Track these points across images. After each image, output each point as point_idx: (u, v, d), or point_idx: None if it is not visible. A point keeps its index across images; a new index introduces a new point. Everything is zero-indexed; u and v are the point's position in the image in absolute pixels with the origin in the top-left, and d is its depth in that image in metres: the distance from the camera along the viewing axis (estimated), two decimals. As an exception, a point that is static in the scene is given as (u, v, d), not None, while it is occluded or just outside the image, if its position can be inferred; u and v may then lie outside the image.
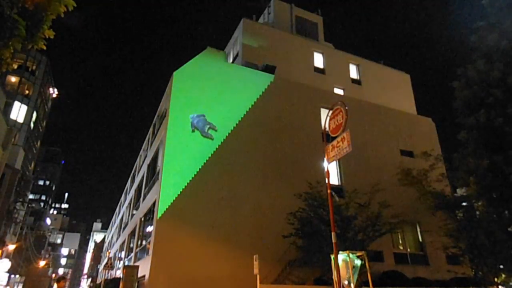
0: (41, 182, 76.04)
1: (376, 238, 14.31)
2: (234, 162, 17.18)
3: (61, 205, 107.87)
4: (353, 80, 25.47)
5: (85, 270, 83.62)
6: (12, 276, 35.86)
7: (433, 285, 16.48)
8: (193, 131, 16.85)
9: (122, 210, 34.21)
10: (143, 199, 20.46)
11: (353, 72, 25.90)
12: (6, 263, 25.85)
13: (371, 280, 8.15)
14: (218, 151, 17.01)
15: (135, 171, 29.60)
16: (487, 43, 13.27)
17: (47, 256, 56.39)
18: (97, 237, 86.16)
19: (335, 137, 7.25)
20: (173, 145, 16.31)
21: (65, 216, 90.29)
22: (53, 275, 66.73)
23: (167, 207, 15.11)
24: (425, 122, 24.73)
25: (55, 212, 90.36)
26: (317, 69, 24.24)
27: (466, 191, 14.62)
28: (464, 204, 14.81)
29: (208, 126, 17.25)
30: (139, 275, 15.09)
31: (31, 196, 55.09)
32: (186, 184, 15.76)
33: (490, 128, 12.34)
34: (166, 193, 15.35)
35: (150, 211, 17.68)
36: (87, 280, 69.66)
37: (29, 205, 42.50)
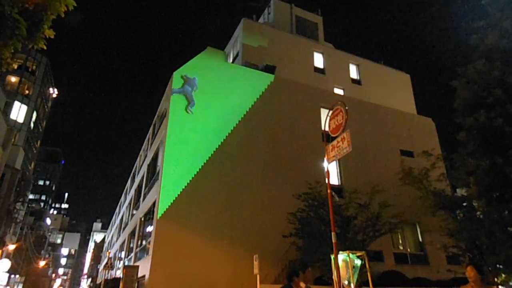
0: (41, 182, 76.01)
1: (376, 238, 14.30)
2: (234, 162, 17.18)
3: (61, 205, 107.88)
4: (353, 80, 25.47)
5: (85, 270, 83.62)
6: (12, 276, 35.85)
7: (433, 285, 16.48)
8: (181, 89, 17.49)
9: (122, 210, 34.20)
10: (143, 199, 20.46)
11: (353, 72, 25.90)
12: (6, 263, 25.79)
13: (371, 280, 8.15)
14: (218, 151, 17.01)
15: (135, 171, 29.59)
16: (487, 42, 13.25)
17: (47, 256, 56.34)
18: (97, 237, 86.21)
19: (335, 137, 7.24)
20: (173, 145, 16.31)
21: (65, 216, 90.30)
22: (53, 275, 66.73)
23: (167, 207, 15.11)
24: (425, 122, 24.73)
25: (55, 212, 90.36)
26: (317, 69, 24.24)
27: (466, 191, 14.60)
28: (464, 204, 14.79)
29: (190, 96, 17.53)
30: (139, 275, 15.11)
31: (31, 196, 55.05)
32: (186, 184, 15.76)
33: (490, 128, 12.31)
34: (166, 193, 15.35)
35: (150, 211, 17.68)
36: (87, 280, 69.62)
37: (29, 205, 42.47)
